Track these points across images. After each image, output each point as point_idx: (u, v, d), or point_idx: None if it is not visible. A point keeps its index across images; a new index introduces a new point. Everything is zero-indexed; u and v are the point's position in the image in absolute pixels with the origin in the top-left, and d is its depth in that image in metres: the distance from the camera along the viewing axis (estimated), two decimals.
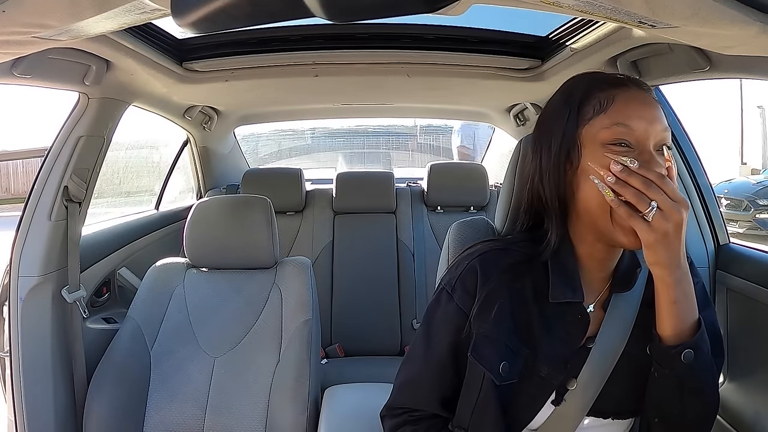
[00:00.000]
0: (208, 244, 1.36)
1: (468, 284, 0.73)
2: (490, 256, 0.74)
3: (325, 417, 1.19)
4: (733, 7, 0.54)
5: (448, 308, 0.75)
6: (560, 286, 0.70)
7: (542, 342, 0.70)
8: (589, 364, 0.70)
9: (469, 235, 0.97)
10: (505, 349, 0.70)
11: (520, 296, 0.71)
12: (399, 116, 2.72)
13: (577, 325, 0.71)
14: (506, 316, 0.71)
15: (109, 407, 1.21)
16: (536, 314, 0.71)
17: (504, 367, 0.69)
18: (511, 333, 0.70)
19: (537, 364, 0.70)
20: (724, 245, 1.26)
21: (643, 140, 0.64)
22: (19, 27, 0.67)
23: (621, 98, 0.66)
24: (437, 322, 0.76)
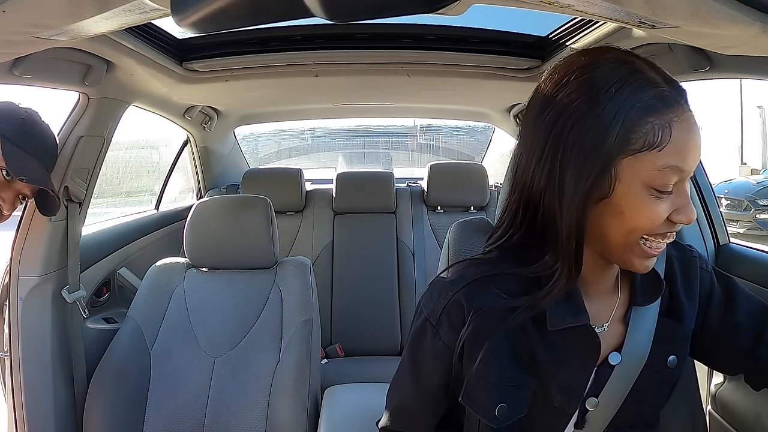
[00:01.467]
0: (208, 244, 1.36)
1: (454, 319, 0.65)
2: (476, 286, 0.65)
3: (325, 417, 1.19)
4: (733, 7, 0.53)
5: (436, 345, 0.68)
6: (559, 311, 0.62)
7: (552, 371, 0.64)
8: (611, 381, 0.65)
9: (469, 235, 0.97)
10: (502, 389, 0.64)
11: (517, 327, 0.63)
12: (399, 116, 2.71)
13: (586, 349, 0.64)
14: (502, 351, 0.63)
15: (109, 407, 1.21)
16: (539, 343, 0.64)
17: (501, 409, 0.63)
18: (512, 368, 0.64)
19: (549, 394, 0.64)
20: (724, 245, 1.26)
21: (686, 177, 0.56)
22: (19, 27, 0.67)
23: (678, 129, 0.53)
24: (424, 356, 0.70)
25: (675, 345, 0.68)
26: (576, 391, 0.65)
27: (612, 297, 0.67)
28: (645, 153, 0.54)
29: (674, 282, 0.69)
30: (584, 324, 0.63)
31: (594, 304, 0.65)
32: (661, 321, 0.66)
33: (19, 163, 0.99)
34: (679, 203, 0.56)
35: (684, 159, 0.54)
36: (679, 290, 0.69)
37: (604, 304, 0.67)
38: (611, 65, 0.57)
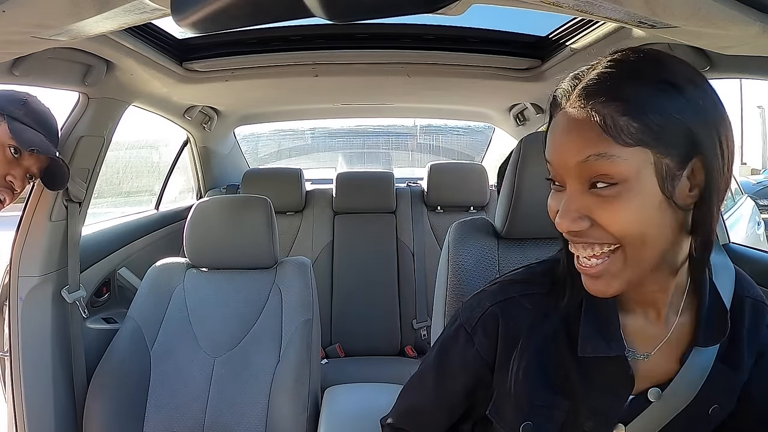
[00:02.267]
0: (208, 244, 1.36)
1: (489, 329, 0.64)
2: (513, 302, 0.64)
3: (325, 417, 1.19)
4: (733, 7, 0.53)
5: (467, 352, 0.67)
6: (591, 336, 0.58)
7: (584, 394, 0.61)
8: (645, 415, 0.60)
9: (469, 235, 0.97)
10: (530, 408, 0.62)
11: (552, 347, 0.61)
12: (399, 116, 2.72)
13: (619, 380, 0.59)
14: (535, 371, 0.61)
15: (109, 407, 1.21)
16: (573, 366, 0.60)
17: (526, 427, 0.61)
18: (544, 389, 0.61)
19: (580, 418, 0.61)
20: (724, 245, 1.26)
21: (563, 178, 0.52)
22: (19, 27, 0.67)
23: (553, 123, 0.54)
24: (454, 361, 0.69)
25: (722, 395, 0.61)
26: (607, 418, 0.61)
27: (664, 324, 0.59)
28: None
29: (740, 324, 0.61)
30: (618, 355, 0.58)
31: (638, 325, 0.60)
32: (715, 366, 0.59)
33: (28, 136, 1.02)
34: (562, 206, 0.52)
35: (549, 151, 0.53)
36: (743, 335, 0.61)
37: (651, 328, 0.60)
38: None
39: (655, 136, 0.47)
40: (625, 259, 0.51)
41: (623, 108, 0.47)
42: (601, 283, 0.53)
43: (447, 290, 0.94)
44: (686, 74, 0.50)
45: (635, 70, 0.51)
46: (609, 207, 0.49)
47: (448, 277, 0.95)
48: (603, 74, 0.51)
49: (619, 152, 0.48)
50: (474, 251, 0.95)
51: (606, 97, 0.48)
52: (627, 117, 0.47)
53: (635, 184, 0.48)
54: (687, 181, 0.50)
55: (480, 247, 0.96)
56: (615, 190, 0.48)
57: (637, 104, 0.47)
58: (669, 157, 0.48)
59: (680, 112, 0.48)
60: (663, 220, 0.50)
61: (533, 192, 0.89)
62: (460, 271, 0.94)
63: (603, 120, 0.48)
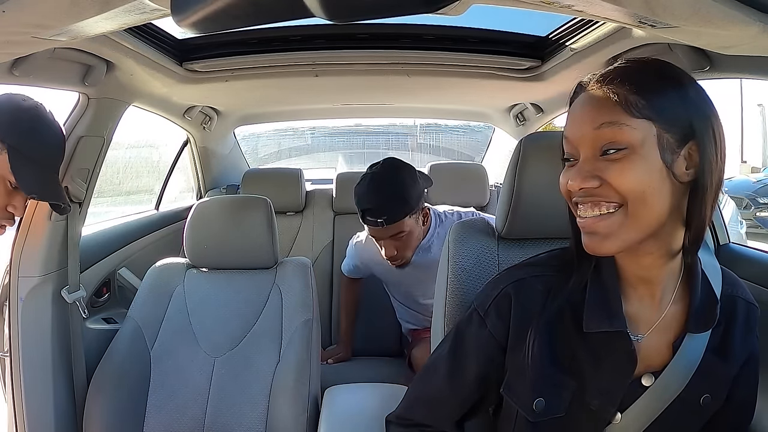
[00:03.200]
0: (207, 244, 1.36)
1: (502, 310, 0.69)
2: (526, 283, 0.69)
3: (325, 417, 1.19)
4: (733, 7, 0.53)
5: (481, 334, 0.71)
6: (596, 313, 0.64)
7: (591, 374, 0.65)
8: (641, 402, 0.64)
9: (469, 235, 0.97)
10: (541, 384, 0.65)
11: (559, 327, 0.66)
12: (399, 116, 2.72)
13: (624, 356, 0.64)
14: (544, 349, 0.66)
15: (109, 407, 1.21)
16: (580, 345, 0.65)
17: (539, 403, 0.65)
18: (552, 367, 0.66)
19: (586, 398, 0.65)
20: (723, 245, 1.26)
21: (578, 148, 0.60)
22: (19, 27, 0.67)
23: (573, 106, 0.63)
24: (468, 345, 0.72)
25: (714, 385, 0.66)
26: (613, 396, 0.64)
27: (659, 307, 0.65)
28: None
29: (733, 321, 0.67)
30: (619, 330, 0.63)
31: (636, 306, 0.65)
32: (706, 357, 0.64)
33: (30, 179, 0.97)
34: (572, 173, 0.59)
35: (567, 126, 0.61)
36: (735, 331, 0.67)
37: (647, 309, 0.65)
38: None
39: (658, 113, 0.56)
40: (626, 217, 0.57)
41: (634, 89, 0.57)
42: (599, 240, 0.59)
43: (447, 290, 0.94)
44: (684, 75, 0.60)
45: (645, 65, 0.61)
46: (618, 167, 0.56)
47: (448, 277, 0.95)
48: (618, 67, 0.61)
49: (628, 121, 0.56)
50: (474, 251, 0.95)
51: (621, 80, 0.58)
52: (636, 96, 0.56)
53: (640, 150, 0.56)
54: (684, 160, 0.58)
55: (480, 247, 0.96)
56: (623, 153, 0.56)
57: (645, 87, 0.57)
58: (669, 133, 0.57)
59: (679, 100, 0.58)
60: (662, 186, 0.57)
61: (533, 192, 0.89)
62: (459, 271, 0.94)
63: (617, 96, 0.57)
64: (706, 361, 0.64)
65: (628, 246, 0.59)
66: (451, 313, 0.92)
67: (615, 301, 0.64)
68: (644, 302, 0.65)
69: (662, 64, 0.61)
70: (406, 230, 1.42)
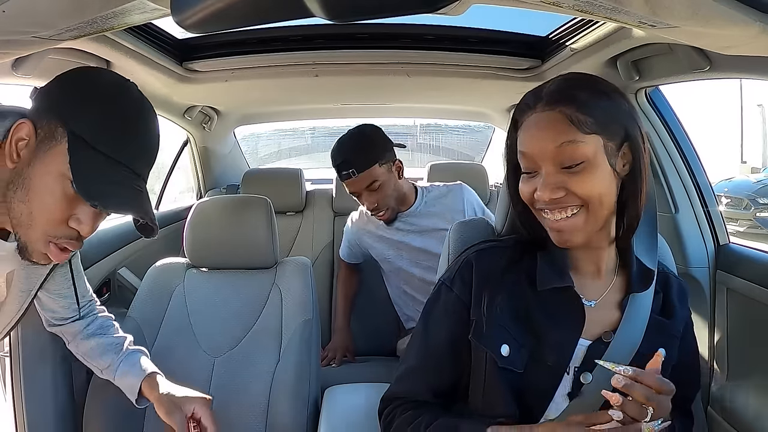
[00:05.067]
0: (208, 244, 1.36)
1: (465, 276, 0.79)
2: (485, 251, 0.81)
3: (325, 417, 1.19)
4: (733, 7, 0.54)
5: (448, 299, 0.79)
6: (547, 273, 0.75)
7: (545, 331, 0.73)
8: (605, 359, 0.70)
9: (469, 235, 0.98)
10: (504, 333, 0.74)
11: (516, 287, 0.76)
12: (399, 116, 2.72)
13: (574, 311, 0.74)
14: (504, 306, 0.75)
15: (109, 407, 1.21)
16: (534, 304, 0.75)
17: (504, 348, 0.73)
18: (511, 321, 0.74)
19: (543, 354, 0.73)
20: (723, 245, 1.26)
21: (539, 162, 0.69)
22: (19, 27, 0.67)
23: (526, 124, 0.71)
24: (436, 315, 0.80)
25: (665, 339, 0.76)
26: (566, 350, 0.73)
27: (604, 281, 0.77)
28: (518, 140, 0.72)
29: (669, 290, 0.80)
30: (568, 286, 0.74)
31: (584, 281, 0.76)
32: (653, 317, 0.75)
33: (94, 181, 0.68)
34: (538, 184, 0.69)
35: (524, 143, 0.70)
36: (673, 297, 0.79)
37: (594, 284, 0.77)
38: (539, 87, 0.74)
39: (602, 127, 0.67)
40: (587, 215, 0.69)
41: (578, 107, 0.67)
42: (568, 235, 0.70)
43: None
44: (612, 87, 0.71)
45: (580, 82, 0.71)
46: (579, 178, 0.67)
47: None
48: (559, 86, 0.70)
49: (582, 138, 0.67)
50: None
51: (566, 100, 0.68)
52: (583, 114, 0.67)
53: (594, 160, 0.67)
54: (621, 159, 0.70)
55: None
56: (582, 166, 0.67)
57: (587, 105, 0.67)
58: (612, 142, 0.68)
59: (614, 110, 0.69)
60: (611, 188, 0.70)
61: None
62: None
63: (569, 117, 0.67)
64: (653, 320, 0.74)
65: (590, 237, 0.72)
66: None
67: (564, 266, 0.76)
68: (592, 278, 0.77)
69: (595, 80, 0.72)
70: (380, 179, 1.54)
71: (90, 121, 0.69)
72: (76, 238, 0.73)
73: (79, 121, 0.69)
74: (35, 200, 0.69)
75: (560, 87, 0.70)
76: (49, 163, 0.68)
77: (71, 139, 0.68)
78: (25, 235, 0.70)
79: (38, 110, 0.71)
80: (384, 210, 1.59)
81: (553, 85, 0.71)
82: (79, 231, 0.72)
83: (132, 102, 0.74)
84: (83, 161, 0.68)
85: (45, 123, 0.70)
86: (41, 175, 0.68)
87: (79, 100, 0.70)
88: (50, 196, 0.69)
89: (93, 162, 0.69)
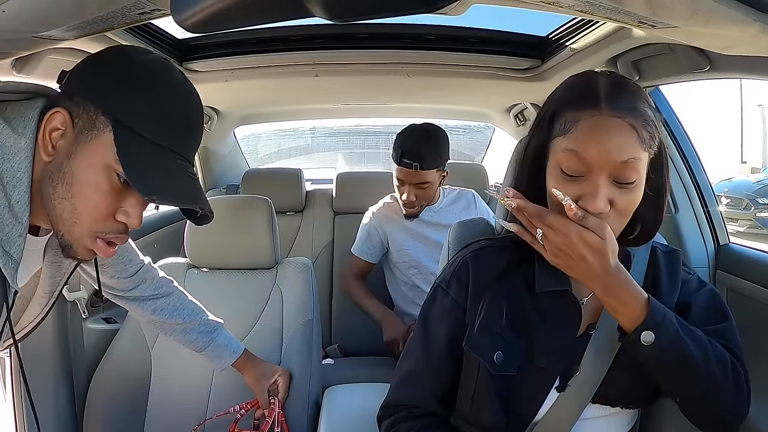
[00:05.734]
0: (208, 244, 1.36)
1: (462, 278, 0.77)
2: (482, 252, 0.79)
3: (325, 417, 1.19)
4: (733, 7, 0.53)
5: (444, 302, 0.78)
6: (545, 276, 0.73)
7: (539, 333, 0.72)
8: (590, 350, 0.71)
9: (469, 235, 0.98)
10: (498, 339, 0.72)
11: (511, 289, 0.74)
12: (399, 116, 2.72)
13: (570, 314, 0.73)
14: (498, 308, 0.73)
15: (110, 407, 1.21)
16: (530, 306, 0.73)
17: (498, 356, 0.71)
18: (505, 325, 0.73)
19: (536, 356, 0.72)
20: (723, 245, 1.26)
21: (594, 170, 0.64)
22: (19, 27, 0.67)
23: (584, 124, 0.65)
24: (433, 318, 0.79)
25: None
26: (560, 354, 0.72)
27: None
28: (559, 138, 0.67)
29: (657, 269, 0.77)
30: (566, 289, 0.72)
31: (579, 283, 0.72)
32: None
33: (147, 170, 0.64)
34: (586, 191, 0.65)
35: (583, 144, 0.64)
36: (661, 277, 0.76)
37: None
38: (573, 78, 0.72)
39: (653, 143, 0.66)
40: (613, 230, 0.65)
41: (642, 121, 0.64)
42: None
43: None
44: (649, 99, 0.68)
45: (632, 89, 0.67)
46: (627, 195, 0.65)
47: None
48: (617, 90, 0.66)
49: (643, 156, 0.65)
50: None
51: (632, 111, 0.64)
52: (647, 131, 0.64)
53: (641, 178, 0.65)
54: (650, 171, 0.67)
55: None
56: (634, 185, 0.65)
57: (645, 118, 0.65)
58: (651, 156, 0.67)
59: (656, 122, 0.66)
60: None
61: None
62: None
63: (637, 131, 0.64)
64: None
65: None
66: None
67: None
68: None
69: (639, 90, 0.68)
70: (432, 182, 1.64)
71: (135, 107, 0.64)
72: (124, 231, 0.68)
73: (123, 107, 0.64)
74: (79, 195, 0.63)
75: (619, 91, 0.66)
76: (93, 155, 0.63)
77: (116, 128, 0.63)
78: (69, 233, 0.65)
79: (72, 96, 0.65)
80: (417, 206, 1.69)
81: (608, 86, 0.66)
82: (126, 224, 0.68)
83: (177, 83, 0.70)
84: (132, 151, 0.63)
85: (83, 110, 0.64)
86: (84, 168, 0.63)
87: (119, 83, 0.65)
88: (96, 190, 0.64)
89: (143, 151, 0.63)
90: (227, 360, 1.14)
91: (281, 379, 1.17)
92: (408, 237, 1.76)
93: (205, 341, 1.12)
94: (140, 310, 1.06)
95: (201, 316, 1.12)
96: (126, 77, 0.65)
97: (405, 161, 1.60)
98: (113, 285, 1.02)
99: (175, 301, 1.10)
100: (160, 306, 1.07)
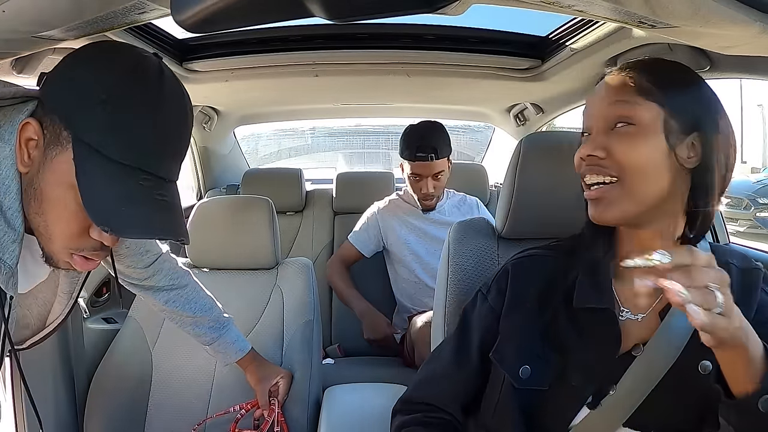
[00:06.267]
0: (209, 244, 1.36)
1: (501, 284, 0.76)
2: (526, 260, 0.77)
3: (325, 417, 1.19)
4: (733, 7, 0.53)
5: (482, 308, 0.77)
6: (586, 289, 0.68)
7: (573, 350, 0.67)
8: (632, 371, 0.64)
9: (469, 235, 0.98)
10: (528, 353, 0.69)
11: (549, 301, 0.71)
12: (399, 116, 2.72)
13: (607, 334, 0.66)
14: (533, 320, 0.70)
15: (111, 407, 1.21)
16: (565, 320, 0.69)
17: (524, 371, 0.68)
18: (538, 338, 0.69)
19: (568, 373, 0.67)
20: (725, 245, 1.26)
21: (593, 121, 0.66)
22: (19, 27, 0.67)
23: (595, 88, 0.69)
24: (470, 322, 0.78)
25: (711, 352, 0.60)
26: (593, 374, 0.66)
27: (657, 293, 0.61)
28: None
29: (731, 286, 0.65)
30: (606, 308, 0.67)
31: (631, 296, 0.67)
32: None
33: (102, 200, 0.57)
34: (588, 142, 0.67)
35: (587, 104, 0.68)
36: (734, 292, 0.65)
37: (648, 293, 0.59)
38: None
39: (667, 100, 0.62)
40: (623, 190, 0.62)
41: (647, 76, 0.64)
42: (603, 207, 0.64)
43: (447, 290, 0.94)
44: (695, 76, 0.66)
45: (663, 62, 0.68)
46: (625, 142, 0.62)
47: (447, 277, 0.95)
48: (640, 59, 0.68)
49: (639, 101, 0.62)
50: (474, 251, 0.95)
51: (639, 69, 0.65)
52: (650, 84, 0.63)
53: (647, 129, 0.62)
54: (687, 148, 0.62)
55: (480, 247, 0.96)
56: (632, 129, 0.62)
57: (659, 77, 0.64)
58: (675, 120, 0.62)
59: (688, 94, 0.64)
60: (662, 165, 0.62)
61: (533, 192, 0.89)
62: (459, 271, 0.94)
63: (632, 80, 0.64)
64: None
65: (627, 217, 0.64)
66: (452, 312, 0.92)
67: (606, 281, 0.68)
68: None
69: (680, 66, 0.67)
70: (445, 170, 1.74)
71: (92, 119, 0.57)
72: (100, 248, 0.64)
73: (82, 120, 0.57)
74: (50, 212, 0.60)
75: (641, 59, 0.68)
76: (57, 172, 0.59)
77: (75, 145, 0.57)
78: (47, 247, 0.63)
79: (43, 104, 0.60)
80: (435, 198, 1.77)
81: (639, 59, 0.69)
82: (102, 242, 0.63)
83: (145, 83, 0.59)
84: (89, 173, 0.57)
85: (50, 122, 0.59)
86: (51, 185, 0.59)
87: (79, 91, 0.58)
88: (65, 209, 0.60)
89: (102, 172, 0.57)
90: (232, 357, 1.16)
91: (282, 381, 1.18)
92: (410, 233, 1.82)
93: (213, 336, 1.13)
94: (153, 299, 1.07)
95: (212, 312, 1.13)
96: (85, 83, 0.58)
97: (420, 155, 1.68)
98: (129, 273, 1.01)
99: (189, 293, 1.10)
100: (172, 297, 1.07)
